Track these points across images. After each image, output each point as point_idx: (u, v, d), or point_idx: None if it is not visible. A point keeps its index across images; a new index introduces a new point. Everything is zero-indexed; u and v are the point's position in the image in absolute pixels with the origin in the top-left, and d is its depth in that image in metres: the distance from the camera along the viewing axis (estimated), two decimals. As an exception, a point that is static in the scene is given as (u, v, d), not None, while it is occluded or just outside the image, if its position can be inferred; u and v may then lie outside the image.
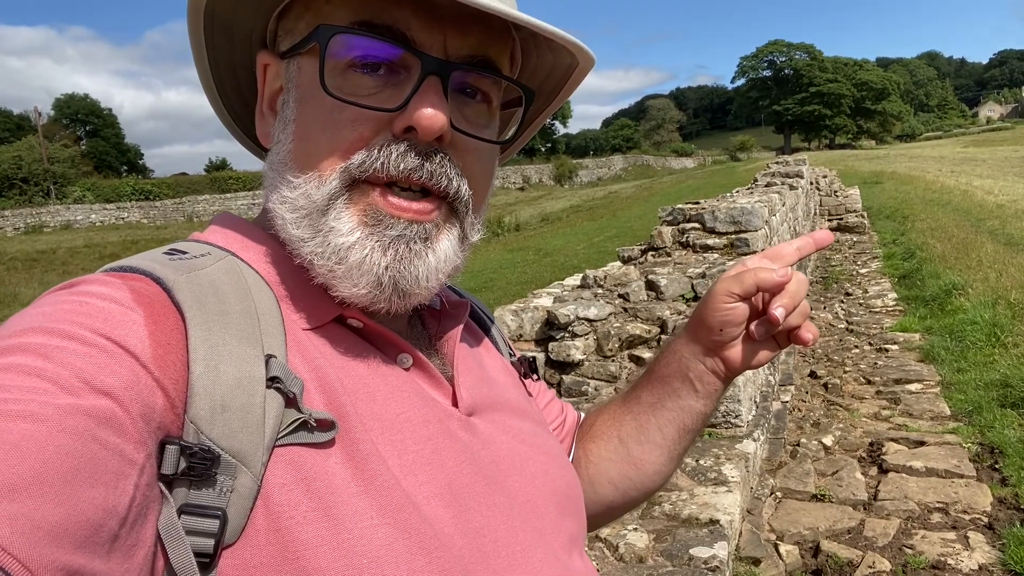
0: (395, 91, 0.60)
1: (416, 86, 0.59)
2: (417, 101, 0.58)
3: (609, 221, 25.04)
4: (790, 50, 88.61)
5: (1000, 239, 11.00)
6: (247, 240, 0.66)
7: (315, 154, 0.61)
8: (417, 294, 0.62)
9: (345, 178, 0.60)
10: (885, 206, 16.80)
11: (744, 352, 0.81)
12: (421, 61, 0.59)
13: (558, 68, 0.74)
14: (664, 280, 4.31)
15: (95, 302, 0.51)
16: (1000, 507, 3.54)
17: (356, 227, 0.60)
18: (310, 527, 0.51)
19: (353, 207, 0.60)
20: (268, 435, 0.52)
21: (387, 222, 0.60)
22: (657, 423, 0.86)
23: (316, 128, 0.61)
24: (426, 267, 0.61)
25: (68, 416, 0.43)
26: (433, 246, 0.62)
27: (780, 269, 0.76)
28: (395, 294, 0.60)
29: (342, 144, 0.60)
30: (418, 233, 0.61)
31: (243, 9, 0.66)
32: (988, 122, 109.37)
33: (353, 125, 0.60)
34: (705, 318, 0.80)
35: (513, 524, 0.64)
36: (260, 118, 0.69)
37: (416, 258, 0.60)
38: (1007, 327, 6.02)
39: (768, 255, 0.80)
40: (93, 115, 69.57)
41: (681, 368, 0.84)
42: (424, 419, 0.62)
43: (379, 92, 0.60)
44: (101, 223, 39.99)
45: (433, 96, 0.59)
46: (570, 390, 4.07)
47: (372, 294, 0.60)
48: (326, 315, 0.63)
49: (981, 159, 36.93)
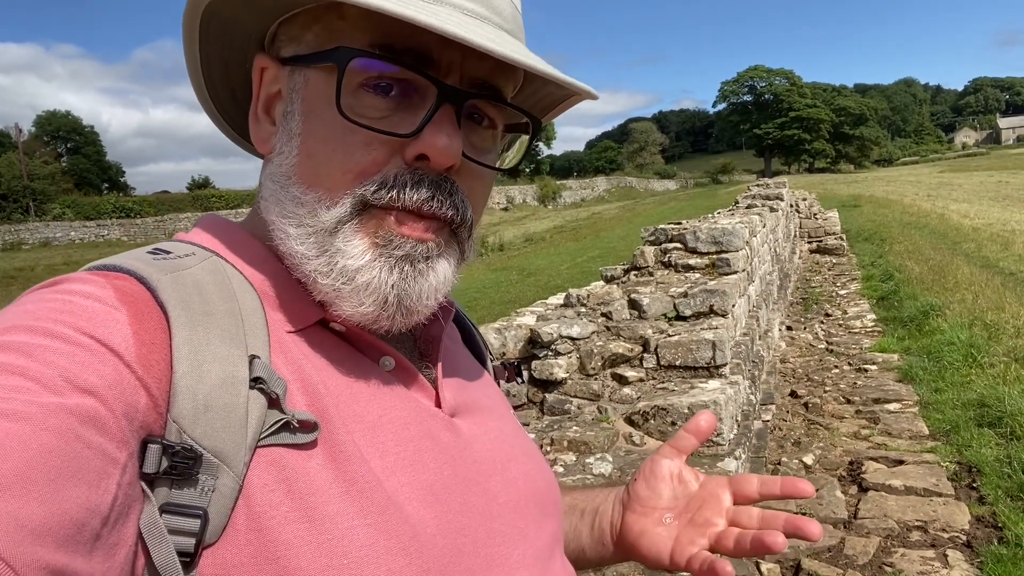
0: (407, 114, 0.59)
1: (431, 114, 0.58)
2: (432, 130, 0.58)
3: (592, 241, 25.16)
4: (770, 75, 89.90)
5: (976, 262, 11.20)
6: (232, 242, 0.66)
7: (324, 173, 0.60)
8: (419, 312, 0.62)
9: (357, 204, 0.59)
10: (864, 229, 17.05)
11: (638, 527, 0.82)
12: (437, 89, 0.58)
13: (554, 94, 0.75)
14: (647, 299, 4.34)
15: (79, 300, 0.51)
16: (978, 525, 3.57)
17: (366, 250, 0.59)
18: (291, 527, 0.51)
19: (363, 230, 0.60)
20: (251, 435, 0.52)
21: (396, 243, 0.60)
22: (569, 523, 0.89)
23: (326, 147, 0.60)
24: (428, 286, 0.61)
25: (51, 415, 0.43)
26: (434, 266, 0.62)
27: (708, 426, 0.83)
28: (399, 312, 0.61)
29: (354, 167, 0.59)
30: (422, 252, 0.61)
31: (245, 11, 0.64)
32: (964, 148, 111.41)
33: (366, 148, 0.59)
34: (636, 472, 0.85)
35: (494, 525, 0.64)
36: (255, 121, 0.68)
37: (420, 276, 0.61)
38: (983, 348, 6.11)
39: (733, 480, 0.82)
40: (75, 132, 69.00)
41: (600, 501, 0.88)
42: (406, 420, 0.63)
43: (391, 115, 0.59)
44: (81, 240, 39.64)
45: (448, 126, 0.59)
46: (553, 408, 4.07)
47: (377, 312, 0.60)
48: (309, 318, 0.63)
49: (957, 184, 37.59)
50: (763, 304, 6.47)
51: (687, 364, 3.95)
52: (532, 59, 0.58)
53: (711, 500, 0.80)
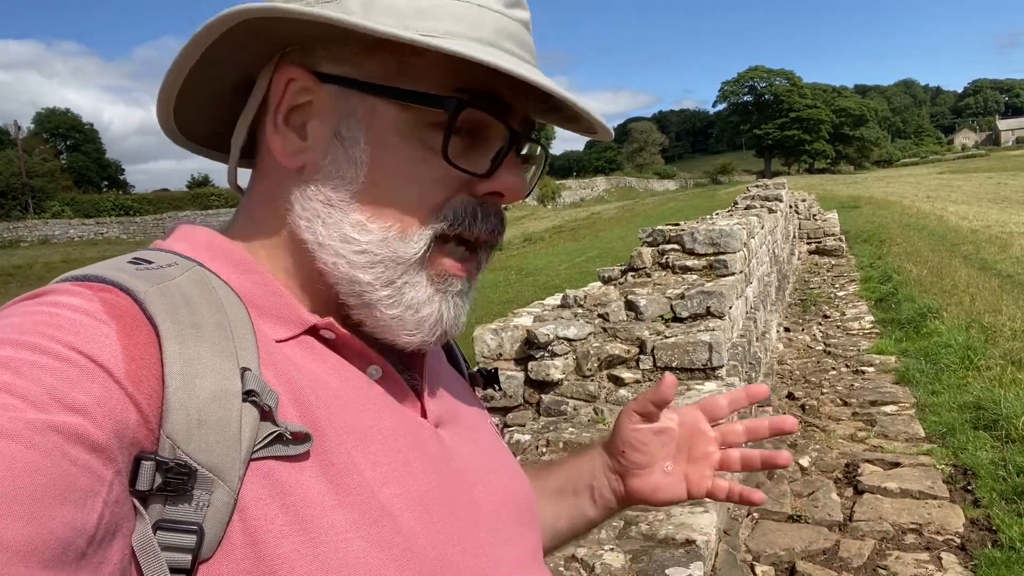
0: (477, 153, 0.63)
1: (503, 156, 0.63)
2: (506, 170, 0.64)
3: (591, 242, 25.17)
4: (770, 76, 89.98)
5: (974, 264, 11.22)
6: (214, 250, 0.64)
7: (396, 205, 0.62)
8: (454, 335, 0.68)
9: (434, 238, 0.63)
10: (863, 230, 17.06)
11: (648, 486, 0.88)
12: (509, 132, 0.63)
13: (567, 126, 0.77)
14: (644, 301, 4.35)
15: (66, 313, 0.50)
16: (972, 528, 3.58)
17: (428, 285, 0.64)
18: (286, 541, 0.51)
19: (430, 267, 0.64)
20: (244, 449, 0.52)
21: (451, 281, 0.65)
22: (554, 511, 0.92)
23: (399, 180, 0.62)
24: (464, 311, 0.67)
25: (38, 433, 0.42)
26: (470, 294, 0.68)
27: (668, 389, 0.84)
28: (441, 338, 0.66)
29: (428, 202, 0.62)
30: (465, 288, 0.67)
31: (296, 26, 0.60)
32: (963, 149, 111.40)
33: (440, 185, 0.62)
34: (613, 438, 0.89)
35: (480, 534, 0.65)
36: (273, 131, 0.64)
37: (463, 306, 0.67)
38: (980, 350, 6.13)
39: (702, 406, 0.88)
40: (74, 129, 68.97)
41: (589, 474, 0.91)
42: (395, 431, 0.63)
43: (464, 155, 0.62)
44: (80, 238, 39.61)
45: (516, 166, 0.65)
46: (549, 409, 4.08)
47: (426, 341, 0.64)
48: (297, 326, 0.62)
49: (956, 185, 37.63)
50: (761, 306, 6.48)
51: (683, 366, 3.96)
52: (590, 108, 0.64)
53: (698, 436, 0.87)
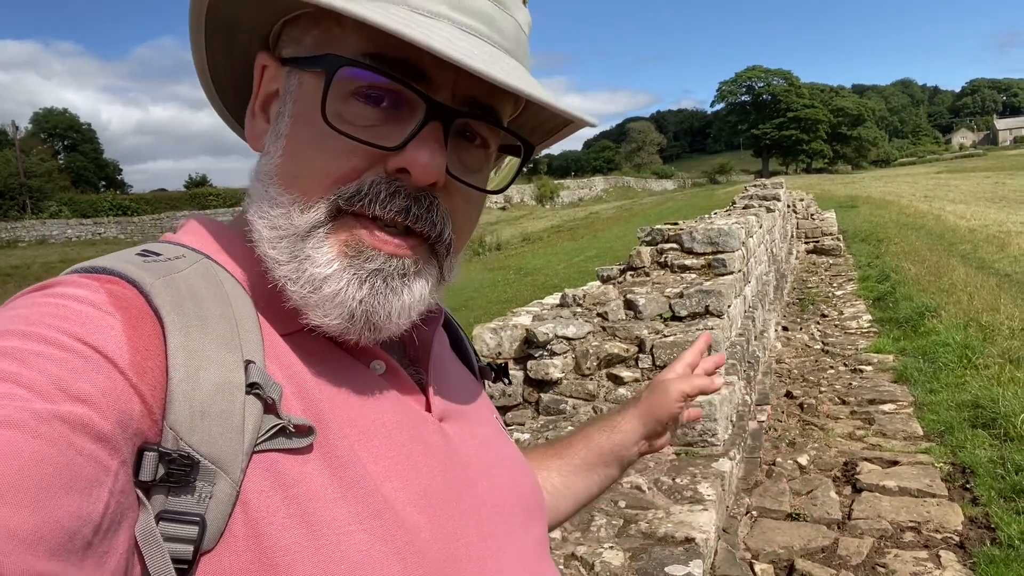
0: (395, 126, 0.59)
1: (417, 129, 0.58)
2: (416, 145, 0.58)
3: (590, 241, 25.16)
4: (768, 76, 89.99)
5: (972, 263, 11.23)
6: (222, 243, 0.65)
7: (303, 176, 0.59)
8: (388, 329, 0.61)
9: (331, 209, 0.59)
10: (860, 229, 17.07)
11: (664, 441, 1.04)
12: (426, 104, 0.58)
13: (557, 118, 0.74)
14: (642, 300, 4.35)
15: (72, 305, 0.51)
16: (971, 526, 3.59)
17: (334, 259, 0.58)
18: (288, 533, 0.52)
19: (334, 237, 0.59)
20: (247, 441, 0.52)
21: (367, 254, 0.59)
22: (585, 484, 1.00)
23: (308, 150, 0.60)
24: (400, 304, 0.60)
25: (44, 423, 0.43)
26: (410, 284, 0.61)
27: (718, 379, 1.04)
28: (366, 328, 0.60)
29: (333, 172, 0.59)
30: (396, 268, 0.60)
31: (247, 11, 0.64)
32: (961, 149, 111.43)
33: (348, 156, 0.58)
34: (658, 413, 1.00)
35: (484, 529, 0.65)
36: (251, 118, 0.67)
37: (392, 294, 0.60)
38: (978, 349, 6.13)
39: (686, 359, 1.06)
40: (72, 130, 68.82)
41: (620, 445, 1.01)
42: (398, 425, 0.63)
43: (379, 125, 0.59)
44: (77, 238, 39.56)
45: (433, 143, 0.58)
46: (548, 408, 4.08)
47: (343, 326, 0.59)
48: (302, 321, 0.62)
49: (954, 184, 37.63)
50: (759, 305, 6.48)
51: (682, 365, 3.96)
52: (523, 82, 0.57)
53: None
